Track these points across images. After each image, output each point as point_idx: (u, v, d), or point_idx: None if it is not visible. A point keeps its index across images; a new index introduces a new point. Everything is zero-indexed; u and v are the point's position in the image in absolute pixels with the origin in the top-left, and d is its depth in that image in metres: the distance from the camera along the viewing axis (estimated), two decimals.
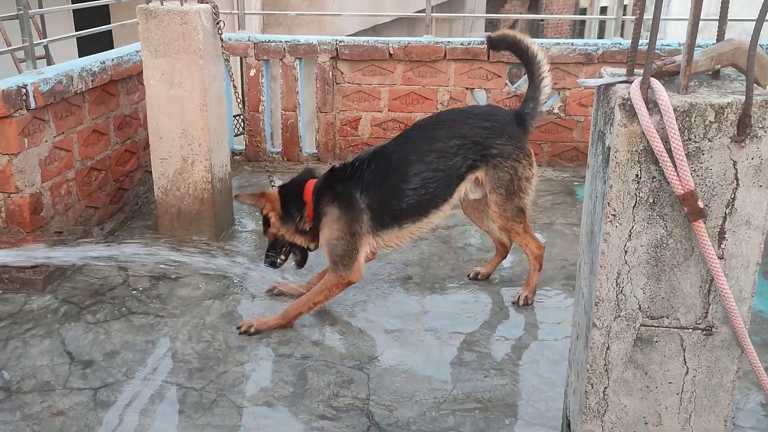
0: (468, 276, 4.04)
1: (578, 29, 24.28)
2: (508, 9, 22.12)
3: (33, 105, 3.71)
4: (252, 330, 3.46)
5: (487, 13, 20.43)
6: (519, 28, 22.60)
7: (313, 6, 11.04)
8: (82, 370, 3.21)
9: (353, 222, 3.43)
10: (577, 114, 5.60)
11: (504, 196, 3.51)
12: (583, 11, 24.18)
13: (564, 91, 5.55)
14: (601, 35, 20.74)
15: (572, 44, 5.45)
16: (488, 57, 5.29)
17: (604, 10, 23.21)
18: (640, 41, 2.21)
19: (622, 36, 6.14)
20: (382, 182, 3.45)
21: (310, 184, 3.60)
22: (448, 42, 5.52)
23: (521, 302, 3.73)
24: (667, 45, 5.33)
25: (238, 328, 3.50)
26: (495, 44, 3.81)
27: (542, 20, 22.94)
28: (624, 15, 6.62)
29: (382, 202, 3.44)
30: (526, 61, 3.64)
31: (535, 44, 3.62)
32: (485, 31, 21.23)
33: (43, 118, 3.87)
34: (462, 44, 5.49)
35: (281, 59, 5.68)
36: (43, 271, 3.91)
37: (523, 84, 5.58)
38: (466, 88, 5.59)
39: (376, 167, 3.47)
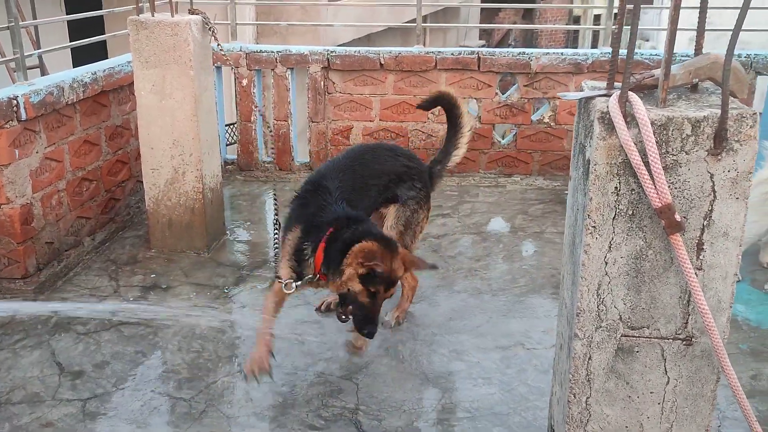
0: (318, 309, 3.78)
1: (572, 38, 24.38)
2: (501, 18, 22.23)
3: (24, 116, 3.73)
4: None
5: (481, 22, 20.55)
6: (513, 36, 22.71)
7: (308, 15, 11.10)
8: (71, 381, 3.22)
9: None
10: (567, 123, 5.63)
11: (400, 234, 3.47)
12: (577, 20, 24.29)
13: (554, 100, 5.59)
14: (594, 44, 20.84)
15: (562, 54, 5.49)
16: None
17: (597, 19, 23.32)
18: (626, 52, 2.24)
19: None
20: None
21: None
22: (439, 52, 5.55)
23: (393, 323, 3.65)
24: (656, 55, 5.37)
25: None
26: (427, 106, 3.91)
27: (536, 29, 23.05)
28: (614, 25, 6.66)
29: None
30: (454, 124, 3.76)
31: (465, 114, 3.79)
32: (479, 39, 21.33)
33: (33, 129, 3.89)
34: (452, 54, 5.53)
35: (273, 69, 5.71)
36: (34, 282, 3.92)
37: (513, 93, 5.62)
38: None
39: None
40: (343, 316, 2.99)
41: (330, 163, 3.54)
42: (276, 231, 3.67)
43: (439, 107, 3.97)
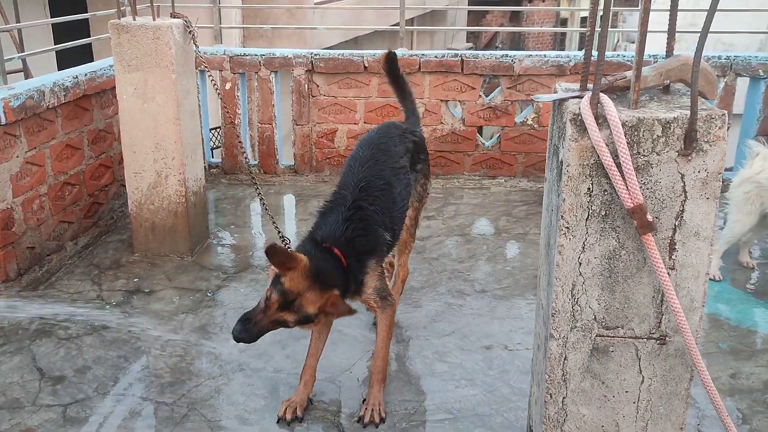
0: None
1: (559, 40, 24.49)
2: (489, 20, 22.31)
3: (3, 120, 3.71)
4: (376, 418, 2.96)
5: (468, 24, 20.61)
6: (500, 39, 22.79)
7: (294, 18, 11.10)
8: (52, 386, 3.20)
9: (382, 258, 3.07)
10: None
11: (417, 210, 3.49)
12: (564, 22, 24.42)
13: (538, 102, 5.61)
14: (581, 46, 20.93)
15: (545, 56, 5.52)
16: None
17: (584, 21, 23.45)
18: (613, 54, 2.25)
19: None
20: (383, 209, 3.05)
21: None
22: (422, 55, 5.57)
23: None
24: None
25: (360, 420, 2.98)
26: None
27: (523, 31, 23.15)
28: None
29: (391, 226, 3.11)
30: (404, 88, 3.73)
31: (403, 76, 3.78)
32: (467, 42, 21.39)
33: (14, 134, 3.87)
34: (436, 57, 5.54)
35: (257, 72, 5.71)
36: (15, 287, 3.89)
37: (497, 96, 5.64)
38: (441, 100, 5.64)
39: (370, 199, 3.03)
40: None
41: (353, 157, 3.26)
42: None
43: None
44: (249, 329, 2.66)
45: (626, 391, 2.03)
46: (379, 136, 3.34)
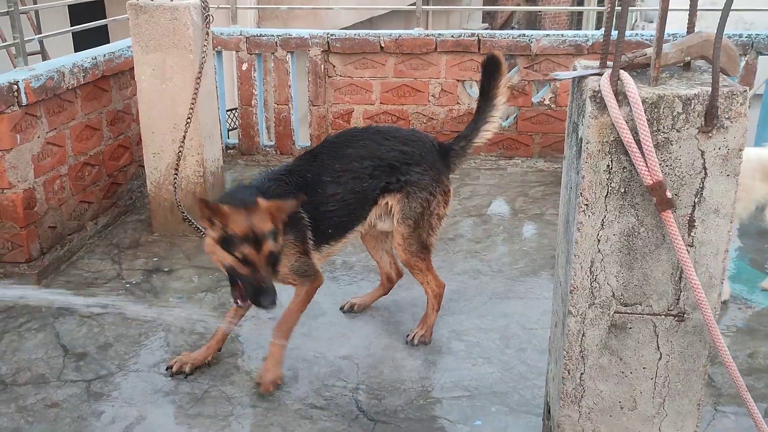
0: (342, 308, 3.67)
1: (576, 19, 24.21)
2: (505, 0, 22.04)
3: (24, 101, 3.75)
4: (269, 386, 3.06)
5: (484, 5, 20.40)
6: (516, 19, 22.55)
7: None
8: (75, 362, 3.26)
9: (303, 241, 3.07)
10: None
11: (411, 228, 3.22)
12: (581, 1, 24.13)
13: (555, 82, 5.58)
14: (598, 25, 20.68)
15: (562, 35, 5.47)
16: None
17: (601, 0, 23.14)
18: (629, 32, 2.22)
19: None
20: (316, 201, 3.08)
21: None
22: (439, 34, 5.54)
23: (416, 341, 3.38)
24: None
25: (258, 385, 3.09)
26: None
27: (539, 11, 22.89)
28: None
29: (318, 220, 3.10)
30: (488, 94, 3.31)
31: (504, 81, 3.30)
32: (483, 22, 21.20)
33: (35, 114, 3.91)
34: (452, 37, 5.52)
35: (273, 53, 5.71)
36: (37, 266, 3.96)
37: (514, 76, 5.62)
38: (458, 80, 5.62)
39: (306, 186, 3.08)
40: (238, 300, 2.87)
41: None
42: None
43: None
44: (266, 290, 2.73)
45: (644, 368, 2.04)
46: (338, 138, 3.31)
